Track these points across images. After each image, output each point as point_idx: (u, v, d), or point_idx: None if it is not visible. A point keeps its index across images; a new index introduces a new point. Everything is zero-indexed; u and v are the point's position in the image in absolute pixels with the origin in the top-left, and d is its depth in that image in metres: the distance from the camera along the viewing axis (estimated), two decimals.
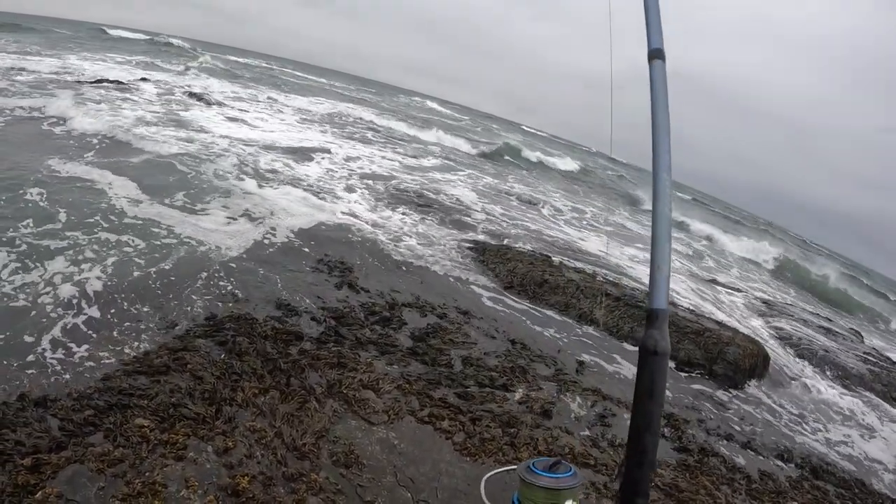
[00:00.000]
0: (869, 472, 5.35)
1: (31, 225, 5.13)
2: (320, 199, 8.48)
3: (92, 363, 3.49)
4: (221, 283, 4.98)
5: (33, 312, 3.88)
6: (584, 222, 14.15)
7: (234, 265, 5.38)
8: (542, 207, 13.87)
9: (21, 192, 5.85)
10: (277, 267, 5.60)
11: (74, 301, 4.14)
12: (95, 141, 8.75)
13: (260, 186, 8.19)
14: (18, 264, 4.43)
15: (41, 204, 5.69)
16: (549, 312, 6.54)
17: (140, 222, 5.81)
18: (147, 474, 2.65)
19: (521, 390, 4.44)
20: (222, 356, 3.87)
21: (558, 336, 5.91)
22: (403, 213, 8.96)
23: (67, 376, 3.31)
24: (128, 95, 13.73)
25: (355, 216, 8.04)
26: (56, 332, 3.73)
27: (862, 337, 11.93)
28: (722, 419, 5.26)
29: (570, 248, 9.84)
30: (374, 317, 5.10)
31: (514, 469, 0.92)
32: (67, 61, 18.17)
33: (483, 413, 3.97)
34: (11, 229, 4.95)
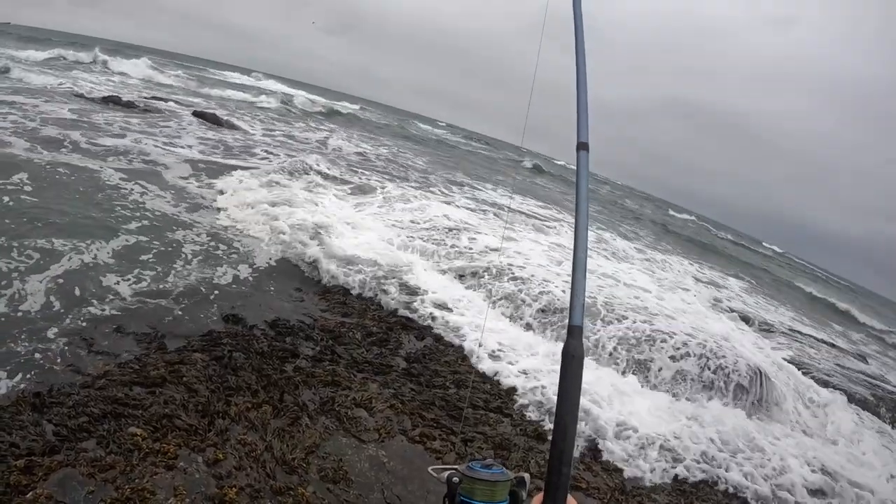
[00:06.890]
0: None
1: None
2: None
3: (90, 371, 3.55)
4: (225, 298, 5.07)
5: (32, 318, 3.97)
6: None
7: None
8: None
9: None
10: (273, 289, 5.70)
11: (76, 308, 4.24)
12: None
13: None
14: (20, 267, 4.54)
15: None
16: None
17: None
18: (137, 481, 2.68)
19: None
20: (218, 370, 3.92)
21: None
22: None
23: (65, 383, 3.37)
24: None
25: None
26: (57, 339, 3.81)
27: (867, 361, 11.80)
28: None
29: None
30: (371, 338, 5.15)
31: (456, 468, 1.10)
32: None
33: (476, 434, 3.97)
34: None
